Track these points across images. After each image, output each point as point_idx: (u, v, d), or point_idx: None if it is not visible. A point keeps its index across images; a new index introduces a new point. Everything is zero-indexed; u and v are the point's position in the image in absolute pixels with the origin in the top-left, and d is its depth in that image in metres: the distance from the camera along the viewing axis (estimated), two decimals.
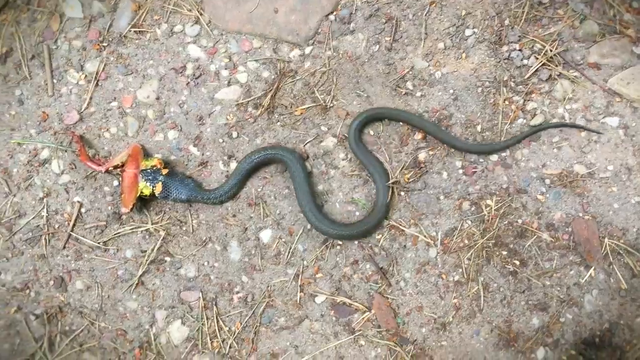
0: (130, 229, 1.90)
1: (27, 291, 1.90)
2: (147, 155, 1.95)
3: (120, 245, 1.91)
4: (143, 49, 2.00)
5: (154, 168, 1.88)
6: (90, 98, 1.97)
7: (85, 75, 1.98)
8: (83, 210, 1.93)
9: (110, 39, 2.00)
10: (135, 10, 2.00)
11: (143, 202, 1.93)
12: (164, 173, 1.88)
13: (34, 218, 1.92)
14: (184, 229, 1.91)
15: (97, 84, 1.98)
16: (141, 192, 1.87)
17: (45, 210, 1.94)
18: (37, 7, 1.99)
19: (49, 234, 1.91)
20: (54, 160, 1.95)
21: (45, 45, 1.99)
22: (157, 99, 1.97)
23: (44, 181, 1.95)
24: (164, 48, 2.00)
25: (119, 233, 1.91)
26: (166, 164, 1.93)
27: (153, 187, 1.86)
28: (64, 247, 1.94)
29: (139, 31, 2.00)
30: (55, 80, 1.98)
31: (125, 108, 1.97)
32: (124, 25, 2.00)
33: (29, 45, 1.99)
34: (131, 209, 1.87)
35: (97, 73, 1.98)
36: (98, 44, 1.99)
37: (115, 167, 1.90)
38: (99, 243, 1.91)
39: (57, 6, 1.99)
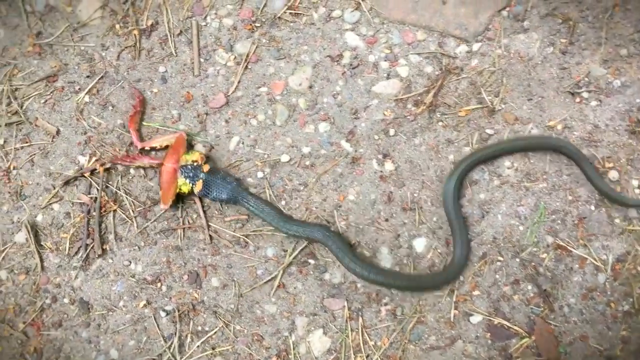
0: (271, 228, 1.85)
1: (159, 285, 1.79)
2: (188, 147, 1.90)
3: (261, 242, 1.81)
4: (297, 32, 1.90)
5: (195, 164, 1.83)
6: (239, 81, 1.88)
7: (235, 57, 1.89)
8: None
9: (264, 20, 1.91)
10: None
11: (181, 198, 1.89)
12: (205, 170, 1.83)
13: (170, 206, 1.80)
14: (332, 230, 1.79)
15: (246, 67, 1.89)
16: (179, 189, 1.82)
17: (182, 199, 1.87)
18: None
19: (184, 227, 1.80)
20: (196, 146, 1.86)
21: (194, 21, 1.90)
22: (310, 87, 1.87)
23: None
24: (320, 33, 1.90)
25: (260, 229, 1.80)
26: (207, 159, 1.88)
27: (193, 185, 1.82)
28: (201, 241, 1.82)
29: (295, 13, 1.91)
30: (202, 60, 1.90)
31: (275, 95, 1.87)
32: (279, 5, 1.91)
33: (176, 19, 1.91)
34: (170, 206, 1.83)
35: (247, 55, 1.89)
36: (250, 24, 1.90)
37: (153, 148, 1.87)
38: (238, 239, 1.78)
39: None
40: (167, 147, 1.87)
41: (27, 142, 1.96)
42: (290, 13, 1.98)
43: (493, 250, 1.85)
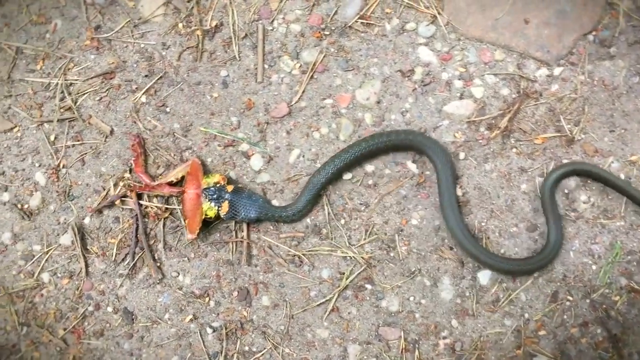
0: (330, 248, 1.79)
1: (207, 299, 1.72)
2: (206, 171, 1.83)
3: (316, 262, 1.73)
4: (368, 44, 1.82)
5: (218, 185, 1.75)
6: (303, 91, 1.81)
7: (300, 65, 1.82)
8: None
9: (333, 28, 1.83)
10: (366, 0, 1.81)
11: (206, 225, 1.82)
12: (229, 190, 1.75)
13: (198, 235, 1.73)
14: (392, 255, 1.73)
15: (312, 77, 1.81)
16: (205, 215, 1.75)
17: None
18: None
19: (237, 240, 1.72)
20: (253, 156, 1.76)
21: (260, 25, 1.83)
22: (378, 102, 1.78)
23: (240, 177, 1.77)
24: (392, 46, 1.82)
25: (316, 249, 1.72)
26: (229, 180, 1.81)
27: (218, 207, 1.75)
28: (252, 256, 1.78)
29: (367, 23, 1.83)
30: (266, 66, 1.82)
31: (341, 108, 1.79)
32: (350, 14, 1.83)
33: (241, 22, 1.84)
34: (198, 235, 1.75)
35: (314, 64, 1.81)
36: (319, 32, 1.82)
37: (170, 183, 1.80)
38: (292, 257, 1.70)
39: None
40: (183, 178, 1.81)
41: (78, 140, 1.89)
42: (361, 23, 1.89)
43: (563, 289, 1.76)
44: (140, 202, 1.82)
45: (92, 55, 1.95)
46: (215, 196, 1.74)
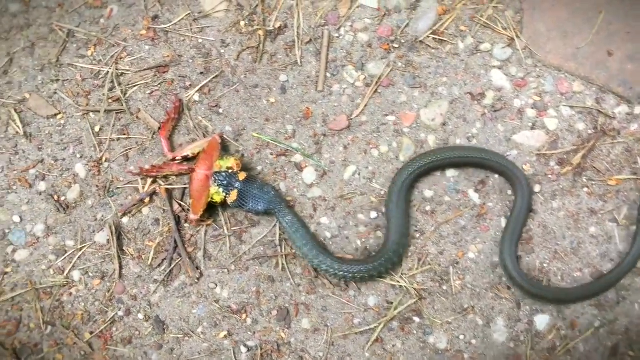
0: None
1: (244, 316, 1.64)
2: (223, 152, 1.76)
3: (363, 288, 1.66)
4: (438, 61, 1.73)
5: (230, 172, 1.68)
6: (365, 105, 1.71)
7: (365, 77, 1.73)
8: (329, 234, 1.65)
9: (403, 41, 1.74)
10: (440, 15, 1.75)
11: (213, 208, 1.76)
12: (240, 179, 1.68)
13: (270, 232, 1.63)
14: (444, 288, 1.64)
15: (376, 90, 1.72)
16: (211, 199, 1.68)
17: (277, 228, 1.77)
18: None
19: (283, 255, 1.62)
20: (306, 169, 1.67)
21: (326, 31, 1.74)
22: (443, 124, 1.69)
23: (290, 189, 1.68)
24: (464, 66, 1.72)
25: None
26: (244, 166, 1.74)
27: (226, 194, 1.67)
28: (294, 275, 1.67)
29: (439, 40, 1.74)
30: (328, 74, 1.75)
31: (403, 126, 1.71)
32: (422, 28, 1.73)
33: (307, 26, 1.75)
34: (201, 217, 1.70)
35: (379, 77, 1.73)
36: (387, 44, 1.73)
37: (185, 158, 1.74)
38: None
39: None
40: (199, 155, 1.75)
41: (124, 134, 1.81)
42: (433, 38, 1.80)
43: (624, 342, 1.65)
44: (176, 202, 1.74)
45: (146, 46, 1.87)
46: (225, 182, 1.68)
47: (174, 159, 1.75)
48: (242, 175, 1.70)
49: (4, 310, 1.75)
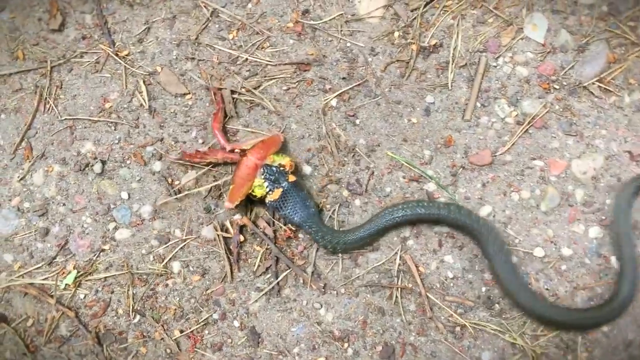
0: (499, 329, 1.60)
1: (345, 345, 1.55)
2: (281, 151, 1.68)
3: (479, 340, 1.57)
4: (600, 112, 1.62)
5: (281, 169, 1.60)
6: (513, 144, 1.56)
7: (517, 114, 1.62)
8: (450, 274, 1.54)
9: (565, 84, 1.64)
10: (609, 63, 1.63)
11: (250, 202, 1.68)
12: (289, 180, 1.60)
13: (388, 259, 1.52)
14: (568, 358, 1.49)
15: (526, 130, 1.58)
16: (252, 191, 1.60)
17: (398, 257, 1.66)
18: (495, 11, 1.64)
19: (399, 287, 1.50)
20: (438, 200, 1.55)
21: (483, 58, 1.64)
22: (594, 179, 1.58)
23: None
24: (626, 122, 1.63)
25: (484, 324, 1.51)
26: (296, 169, 1.66)
27: (270, 190, 1.59)
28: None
29: (604, 89, 1.64)
30: (478, 104, 1.62)
31: (551, 174, 1.59)
32: (588, 73, 1.64)
33: (464, 49, 1.67)
34: (236, 206, 1.60)
35: (532, 117, 1.60)
36: (547, 83, 1.62)
37: (243, 151, 1.65)
38: (453, 326, 1.48)
39: (517, 18, 1.61)
40: None
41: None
42: (598, 86, 1.69)
43: None
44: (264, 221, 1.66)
45: (291, 39, 1.78)
46: (272, 178, 1.60)
47: (232, 150, 1.67)
48: (292, 177, 1.62)
49: (93, 289, 1.67)
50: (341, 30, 1.79)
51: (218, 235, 1.66)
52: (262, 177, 1.60)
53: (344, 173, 1.70)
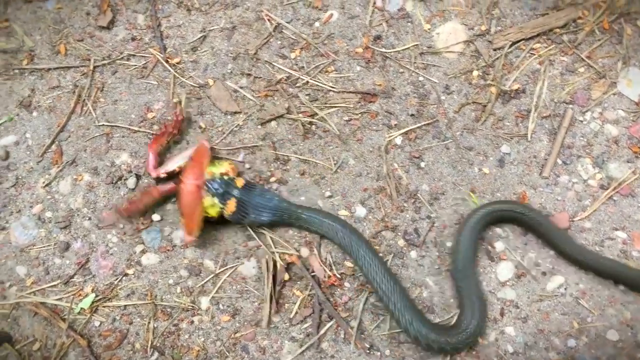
0: None
1: None
2: (214, 159, 1.54)
3: None
4: None
5: (226, 178, 1.47)
6: (594, 210, 1.40)
7: (602, 177, 1.49)
8: (511, 348, 1.46)
9: None
10: None
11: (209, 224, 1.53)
12: (239, 185, 1.47)
13: (442, 321, 1.35)
14: None
15: (611, 197, 1.42)
16: (206, 213, 1.46)
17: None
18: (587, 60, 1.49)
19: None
20: (504, 262, 1.43)
21: (570, 110, 1.54)
22: None
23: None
24: None
25: None
26: (239, 173, 1.53)
27: (223, 205, 1.45)
28: None
29: None
30: (559, 161, 1.47)
31: (634, 248, 1.56)
32: None
33: (549, 98, 1.60)
34: (197, 237, 1.47)
35: (619, 182, 1.51)
36: (638, 147, 1.44)
37: (172, 174, 1.52)
38: None
39: (611, 71, 1.54)
40: None
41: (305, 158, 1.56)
42: None
43: None
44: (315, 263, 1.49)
45: (358, 66, 1.64)
46: (220, 191, 1.46)
47: (157, 178, 1.54)
48: (240, 182, 1.48)
49: (110, 317, 1.51)
50: (414, 62, 1.64)
51: (261, 267, 1.50)
52: (210, 194, 1.47)
53: (402, 220, 1.54)
